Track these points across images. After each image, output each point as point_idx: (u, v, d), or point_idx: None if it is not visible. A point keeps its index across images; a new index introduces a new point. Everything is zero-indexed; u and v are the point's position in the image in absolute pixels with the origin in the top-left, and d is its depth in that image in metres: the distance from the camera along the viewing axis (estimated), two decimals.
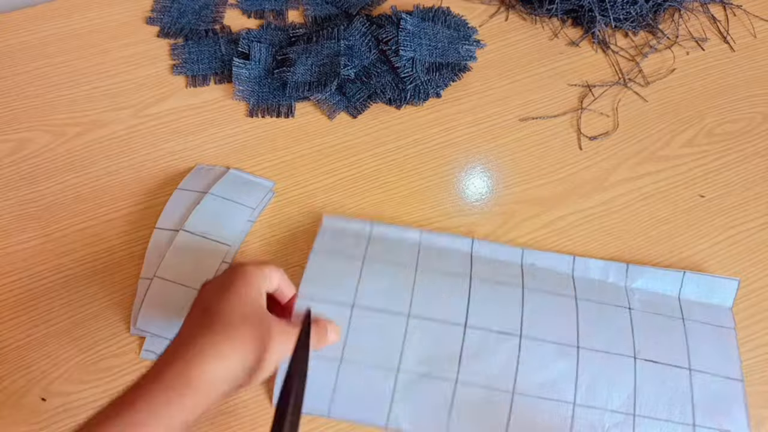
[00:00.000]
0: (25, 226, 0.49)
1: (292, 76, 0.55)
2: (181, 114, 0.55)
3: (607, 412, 0.39)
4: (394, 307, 0.42)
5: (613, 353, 0.41)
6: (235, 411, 0.42)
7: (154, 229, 0.47)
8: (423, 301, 0.42)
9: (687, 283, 0.46)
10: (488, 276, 0.44)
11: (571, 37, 0.61)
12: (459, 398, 0.39)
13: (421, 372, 0.40)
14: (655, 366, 0.41)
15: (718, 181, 0.52)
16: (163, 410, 0.29)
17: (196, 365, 0.30)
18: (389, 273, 0.44)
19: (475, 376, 0.40)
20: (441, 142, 0.54)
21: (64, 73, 0.57)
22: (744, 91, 0.58)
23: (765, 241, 0.50)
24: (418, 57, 0.55)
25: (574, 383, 0.40)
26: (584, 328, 0.42)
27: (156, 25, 0.61)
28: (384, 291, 0.43)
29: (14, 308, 0.45)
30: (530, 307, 0.43)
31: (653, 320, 0.43)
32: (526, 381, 0.40)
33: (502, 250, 0.47)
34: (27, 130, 0.54)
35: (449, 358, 0.41)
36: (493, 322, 0.42)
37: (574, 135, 0.55)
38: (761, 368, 0.44)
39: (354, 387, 0.40)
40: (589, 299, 0.44)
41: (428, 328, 0.41)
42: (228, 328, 0.32)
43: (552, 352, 0.41)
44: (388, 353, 0.41)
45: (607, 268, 0.46)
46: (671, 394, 0.40)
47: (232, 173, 0.50)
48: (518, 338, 0.41)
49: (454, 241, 0.47)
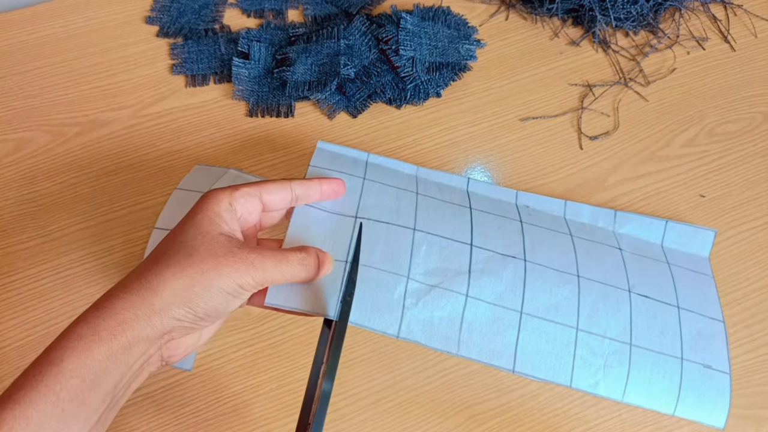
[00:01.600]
0: (25, 226, 0.49)
1: (292, 76, 0.55)
2: (181, 114, 0.55)
3: (606, 339, 0.40)
4: (398, 221, 0.40)
5: (609, 285, 0.42)
6: (235, 411, 0.42)
7: (153, 229, 0.47)
8: (427, 219, 0.41)
9: (669, 232, 0.48)
10: (487, 209, 0.45)
11: (571, 36, 0.61)
12: (469, 312, 0.38)
13: (431, 283, 0.39)
14: (647, 301, 0.42)
15: (719, 181, 0.52)
16: (94, 346, 0.27)
17: (116, 299, 0.29)
18: (390, 193, 0.42)
19: (485, 292, 0.39)
20: (441, 141, 0.54)
21: (63, 72, 0.57)
22: (745, 90, 0.58)
23: (766, 241, 0.49)
24: (419, 56, 0.55)
25: (577, 308, 0.40)
26: (582, 260, 0.43)
27: (155, 25, 0.61)
28: (387, 208, 0.41)
29: (14, 308, 0.45)
30: (530, 238, 0.43)
31: (642, 262, 0.45)
32: (533, 302, 0.40)
33: (496, 189, 0.48)
34: (26, 129, 0.54)
35: (458, 272, 0.39)
36: (497, 245, 0.41)
37: (574, 135, 0.55)
38: (761, 368, 0.44)
39: (365, 292, 0.37)
40: (583, 237, 0.45)
41: (435, 242, 0.40)
42: (160, 258, 0.30)
43: (555, 277, 0.41)
44: (397, 261, 0.39)
45: (596, 213, 0.48)
46: (662, 328, 0.41)
47: (231, 173, 0.50)
48: (523, 261, 0.41)
49: (451, 178, 0.47)
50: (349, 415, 0.42)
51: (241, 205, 0.33)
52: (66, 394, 0.26)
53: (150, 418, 0.42)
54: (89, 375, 0.26)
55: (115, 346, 0.27)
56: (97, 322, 0.27)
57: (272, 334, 0.45)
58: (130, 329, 0.28)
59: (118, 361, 0.27)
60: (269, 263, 0.31)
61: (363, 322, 0.36)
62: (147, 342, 0.28)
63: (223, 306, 0.30)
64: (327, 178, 0.38)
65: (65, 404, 0.26)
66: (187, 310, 0.29)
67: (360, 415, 0.42)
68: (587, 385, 0.38)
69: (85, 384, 0.26)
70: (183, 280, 0.29)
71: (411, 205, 0.42)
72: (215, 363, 0.44)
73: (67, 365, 0.26)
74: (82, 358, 0.26)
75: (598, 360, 0.39)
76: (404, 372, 0.44)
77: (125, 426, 0.42)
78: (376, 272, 0.38)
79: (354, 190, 0.41)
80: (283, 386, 0.43)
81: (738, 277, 0.48)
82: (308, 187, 0.37)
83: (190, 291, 0.29)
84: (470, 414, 0.43)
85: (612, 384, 0.38)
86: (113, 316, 0.28)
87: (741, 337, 0.45)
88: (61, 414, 0.26)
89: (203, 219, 0.31)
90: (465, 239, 0.41)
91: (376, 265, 0.38)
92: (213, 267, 0.29)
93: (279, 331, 0.45)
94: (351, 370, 0.44)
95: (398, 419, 0.43)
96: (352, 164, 0.44)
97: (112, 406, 0.28)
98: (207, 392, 0.43)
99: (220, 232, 0.31)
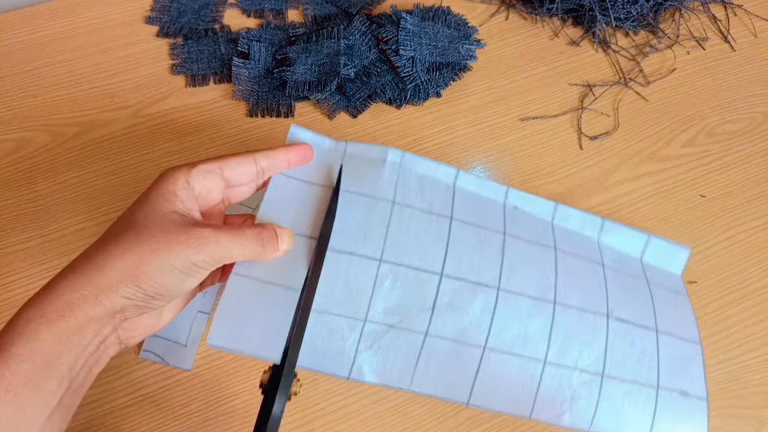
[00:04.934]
0: (24, 226, 0.49)
1: (292, 76, 0.55)
2: (181, 114, 0.55)
3: (576, 371, 0.38)
4: (364, 250, 0.38)
5: (587, 311, 0.40)
6: (235, 411, 0.42)
7: None
8: (397, 243, 0.38)
9: (649, 246, 0.46)
10: (470, 217, 0.41)
11: (571, 36, 0.61)
12: (427, 350, 0.37)
13: (389, 323, 0.37)
14: (626, 326, 0.40)
15: (719, 181, 0.52)
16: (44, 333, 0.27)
17: (63, 278, 0.28)
18: (361, 204, 0.39)
19: (447, 329, 0.38)
20: (441, 141, 0.54)
21: (63, 72, 0.57)
22: (745, 90, 0.58)
23: (766, 241, 0.49)
24: (418, 56, 0.55)
25: (548, 340, 0.39)
26: (562, 282, 0.41)
27: (155, 25, 0.61)
28: (354, 229, 0.38)
29: (14, 308, 0.45)
30: (509, 258, 0.41)
31: (623, 279, 0.43)
32: (499, 336, 0.38)
33: (486, 185, 0.44)
34: (26, 129, 0.54)
35: (420, 308, 0.38)
36: (471, 271, 0.39)
37: (574, 135, 0.55)
38: (761, 368, 0.44)
39: (317, 337, 0.36)
40: (567, 252, 0.43)
41: (400, 274, 0.38)
42: (110, 237, 0.29)
43: (528, 306, 0.39)
44: (355, 301, 0.37)
45: (584, 220, 0.45)
46: (639, 355, 0.40)
47: None
48: (496, 290, 0.39)
49: (438, 169, 0.42)
50: (349, 416, 0.42)
51: (199, 183, 0.32)
52: (17, 379, 0.26)
53: (150, 418, 0.42)
54: (40, 358, 0.26)
55: (64, 326, 0.27)
56: (44, 304, 0.27)
57: None
58: (78, 309, 0.27)
59: (69, 342, 0.27)
60: (224, 238, 0.30)
61: (312, 366, 0.36)
62: (98, 321, 0.28)
63: (177, 284, 0.30)
64: (292, 145, 0.37)
65: (18, 389, 0.26)
66: (135, 289, 0.28)
67: (360, 415, 0.42)
68: (549, 417, 0.37)
69: (36, 367, 0.26)
70: (131, 258, 0.28)
71: (382, 222, 0.39)
72: (215, 363, 0.44)
73: (16, 350, 0.26)
74: (31, 341, 0.26)
75: (564, 392, 0.38)
76: None
77: (125, 426, 0.42)
78: (331, 318, 0.36)
79: (314, 202, 0.38)
80: None
81: (738, 278, 0.48)
82: (273, 157, 0.35)
83: (138, 269, 0.28)
84: (470, 414, 0.43)
85: (578, 415, 0.37)
86: (60, 297, 0.27)
87: (741, 337, 0.45)
88: (15, 399, 0.25)
89: (157, 197, 0.31)
90: (435, 268, 0.38)
91: (332, 310, 0.36)
92: (163, 244, 0.29)
93: None
94: None
95: (398, 419, 0.43)
96: (328, 155, 0.41)
97: (73, 390, 0.28)
98: (207, 392, 0.43)
99: (173, 210, 0.30)
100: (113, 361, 0.43)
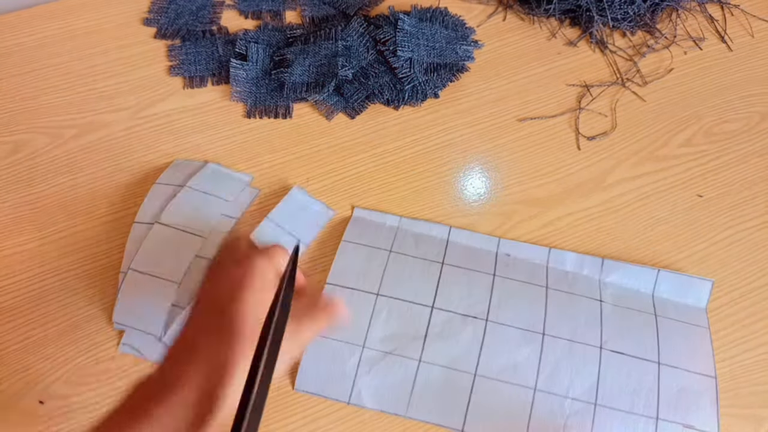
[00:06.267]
0: (22, 228, 0.49)
1: (290, 77, 0.55)
2: (179, 115, 0.55)
3: (567, 399, 0.39)
4: (363, 287, 0.43)
5: (577, 342, 0.42)
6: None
7: (133, 223, 0.47)
8: (393, 282, 0.44)
9: (661, 281, 0.46)
10: (460, 262, 0.45)
11: (569, 37, 0.61)
12: (421, 377, 0.40)
13: (386, 349, 0.41)
14: (622, 357, 0.41)
15: (717, 181, 0.52)
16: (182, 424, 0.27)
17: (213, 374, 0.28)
18: (362, 254, 0.45)
19: (439, 356, 0.41)
20: (439, 142, 0.54)
21: (61, 74, 0.57)
22: (742, 90, 0.58)
23: (764, 241, 0.50)
24: (416, 57, 0.55)
25: (537, 369, 0.40)
26: (552, 316, 0.43)
27: (153, 27, 0.61)
28: (355, 271, 0.44)
29: (12, 311, 0.45)
30: (498, 293, 0.44)
31: (624, 314, 0.44)
32: (488, 363, 0.41)
33: (478, 238, 0.48)
34: (24, 132, 0.54)
35: (414, 337, 0.42)
36: (460, 305, 0.43)
37: (572, 135, 0.55)
38: (761, 368, 0.44)
39: (320, 362, 0.41)
40: (560, 290, 0.45)
41: (395, 306, 0.43)
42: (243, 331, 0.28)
43: (516, 337, 0.42)
44: (355, 330, 0.42)
45: (581, 261, 0.47)
46: (635, 386, 0.40)
47: (209, 167, 0.50)
48: (484, 321, 0.42)
49: (431, 228, 0.48)
50: (349, 416, 0.42)
51: None
52: None
53: None
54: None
55: None
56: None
57: None
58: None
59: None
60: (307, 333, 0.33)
61: (316, 390, 0.41)
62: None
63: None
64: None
65: None
66: None
67: (360, 416, 0.42)
68: None
69: None
70: None
71: (380, 266, 0.45)
72: None
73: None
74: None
75: (557, 420, 0.39)
76: None
77: None
78: (334, 343, 0.41)
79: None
80: (281, 387, 0.43)
81: (736, 277, 0.48)
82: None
83: None
84: None
85: None
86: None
87: (739, 337, 0.45)
88: None
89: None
90: (427, 301, 0.43)
91: (334, 336, 0.41)
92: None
93: None
94: None
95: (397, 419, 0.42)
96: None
97: None
98: None
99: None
100: (113, 363, 0.43)
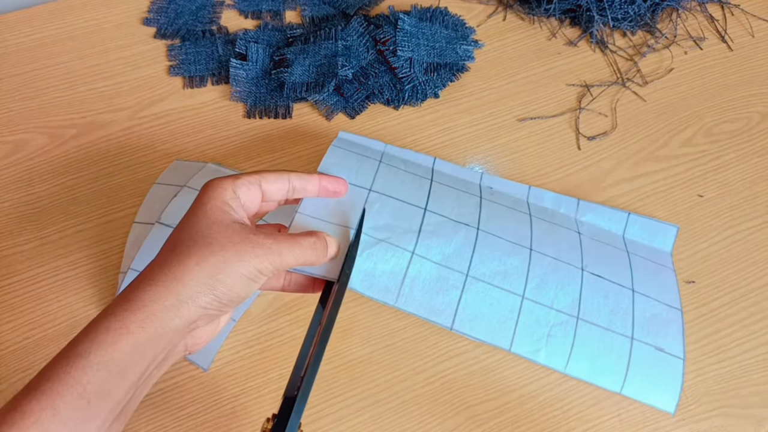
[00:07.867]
0: (22, 228, 0.49)
1: (290, 77, 0.55)
2: (179, 115, 0.55)
3: (552, 310, 0.40)
4: (356, 181, 0.42)
5: (562, 261, 0.42)
6: (234, 413, 0.42)
7: (133, 223, 0.47)
8: (385, 183, 0.43)
9: (631, 224, 0.48)
10: (448, 183, 0.46)
11: (569, 36, 0.61)
12: (413, 269, 0.39)
13: (378, 237, 0.40)
14: (600, 280, 0.42)
15: (717, 181, 0.52)
16: (110, 339, 0.27)
17: (142, 291, 0.28)
18: (353, 158, 0.44)
19: (432, 251, 0.40)
20: (439, 142, 0.54)
21: (61, 74, 0.57)
22: (742, 90, 0.58)
23: (764, 241, 0.50)
24: (416, 57, 0.55)
25: (525, 278, 0.41)
26: (537, 237, 0.43)
27: (153, 26, 0.61)
28: (347, 168, 0.42)
29: (12, 311, 0.45)
30: (487, 211, 0.44)
31: (600, 247, 0.45)
32: (480, 267, 0.40)
33: (461, 170, 0.48)
34: (23, 132, 0.54)
35: (407, 230, 0.41)
36: (452, 213, 0.42)
37: (572, 135, 0.55)
38: (761, 368, 0.44)
39: None
40: (543, 218, 0.46)
41: (388, 203, 0.42)
42: (179, 249, 0.30)
43: (506, 247, 0.42)
44: (346, 215, 0.40)
45: (559, 199, 0.49)
46: (612, 307, 0.41)
47: (209, 167, 0.50)
48: (475, 230, 0.42)
49: (417, 156, 0.48)
50: (349, 416, 0.42)
51: (244, 194, 0.33)
52: (92, 387, 0.26)
53: (148, 421, 0.42)
54: (116, 368, 0.27)
55: (143, 338, 0.27)
56: (125, 315, 0.27)
57: (271, 337, 0.45)
58: (159, 321, 0.28)
59: (145, 352, 0.27)
60: (284, 247, 0.32)
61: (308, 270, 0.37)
62: (176, 332, 0.29)
63: (245, 291, 0.31)
64: (328, 175, 0.39)
65: (91, 396, 0.26)
66: (212, 298, 0.29)
67: (360, 416, 0.42)
68: (527, 351, 0.38)
69: (111, 376, 0.26)
70: (206, 268, 0.29)
71: (371, 170, 0.43)
72: (214, 365, 0.44)
73: (94, 358, 0.26)
74: (109, 351, 0.27)
75: (542, 329, 0.39)
76: (403, 373, 0.44)
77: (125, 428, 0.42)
78: (324, 225, 0.39)
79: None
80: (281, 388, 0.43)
81: (736, 277, 0.48)
82: (307, 180, 0.37)
83: (214, 278, 0.29)
84: (469, 415, 0.43)
85: (554, 354, 0.38)
86: (142, 308, 0.28)
87: (739, 337, 0.45)
88: (87, 406, 0.26)
89: (213, 208, 0.32)
90: (420, 203, 0.42)
91: (324, 218, 0.39)
92: (234, 254, 0.30)
93: (277, 333, 0.45)
94: (350, 371, 0.44)
95: (398, 420, 0.43)
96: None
97: (135, 397, 0.28)
98: (206, 394, 0.43)
99: (233, 220, 0.32)
100: None
